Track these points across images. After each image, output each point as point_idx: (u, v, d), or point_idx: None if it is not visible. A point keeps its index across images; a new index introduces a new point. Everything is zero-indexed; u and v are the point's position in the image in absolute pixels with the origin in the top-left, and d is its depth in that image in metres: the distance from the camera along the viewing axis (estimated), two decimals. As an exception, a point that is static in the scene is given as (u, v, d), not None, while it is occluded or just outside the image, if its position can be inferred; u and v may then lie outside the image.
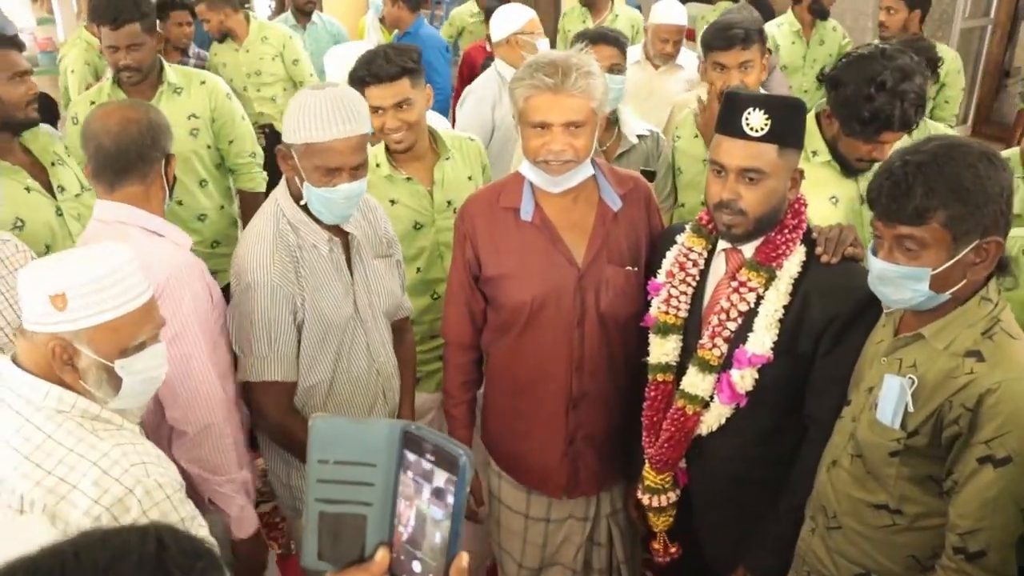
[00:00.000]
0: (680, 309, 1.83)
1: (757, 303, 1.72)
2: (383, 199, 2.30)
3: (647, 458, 1.89)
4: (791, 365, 1.71)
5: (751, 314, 1.72)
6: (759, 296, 1.72)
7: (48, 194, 2.39)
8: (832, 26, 4.61)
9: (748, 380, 1.71)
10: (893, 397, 1.48)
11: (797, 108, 1.70)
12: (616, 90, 2.57)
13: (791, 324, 1.70)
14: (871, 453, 1.55)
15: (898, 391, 1.48)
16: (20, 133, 2.40)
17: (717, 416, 1.77)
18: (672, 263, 1.85)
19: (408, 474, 0.87)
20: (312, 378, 1.99)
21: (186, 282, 1.81)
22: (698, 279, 1.83)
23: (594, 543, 2.19)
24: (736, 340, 1.73)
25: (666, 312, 1.84)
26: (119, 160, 1.86)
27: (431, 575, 0.87)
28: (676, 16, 3.83)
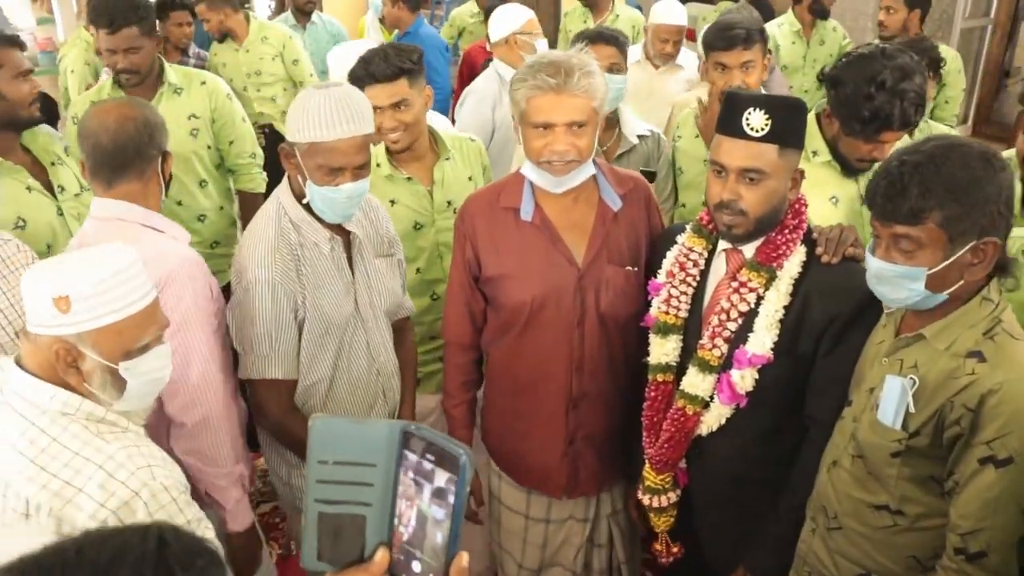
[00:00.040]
0: (680, 309, 1.83)
1: (757, 303, 1.72)
2: (383, 199, 2.29)
3: (647, 458, 1.89)
4: (791, 365, 1.71)
5: (751, 314, 1.72)
6: (759, 296, 1.72)
7: (49, 194, 2.39)
8: (832, 26, 4.61)
9: (748, 380, 1.71)
10: (894, 398, 1.48)
11: (797, 108, 1.70)
12: (616, 90, 2.57)
13: (791, 324, 1.70)
14: (872, 454, 1.55)
15: (899, 392, 1.48)
16: (22, 132, 2.40)
17: (717, 416, 1.77)
18: (672, 263, 1.85)
19: (409, 474, 0.87)
20: (312, 376, 1.99)
21: (187, 276, 1.82)
22: (698, 279, 1.83)
23: (594, 544, 2.18)
24: (736, 340, 1.73)
25: (666, 312, 1.84)
26: (116, 157, 1.87)
27: (431, 575, 0.87)
28: (676, 16, 3.83)
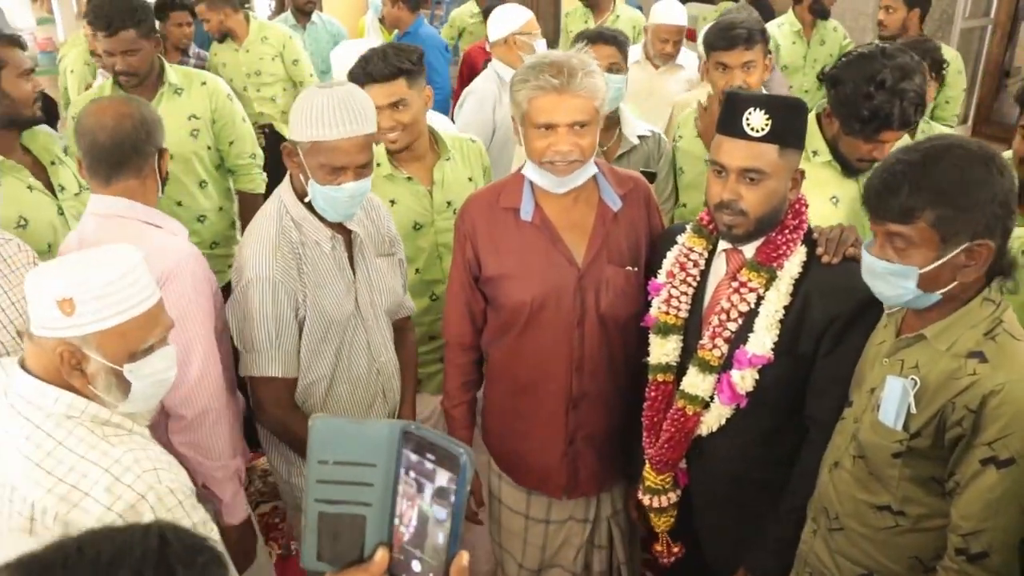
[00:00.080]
0: (680, 309, 1.82)
1: (758, 303, 1.72)
2: (383, 199, 2.29)
3: (647, 458, 1.89)
4: (792, 366, 1.71)
5: (752, 314, 1.72)
6: (760, 296, 1.71)
7: (49, 193, 2.39)
8: (833, 26, 4.61)
9: (748, 381, 1.71)
10: (895, 398, 1.48)
11: (798, 108, 1.70)
12: (616, 90, 2.57)
13: (792, 324, 1.70)
14: (873, 454, 1.54)
15: (900, 392, 1.47)
16: (23, 131, 2.41)
17: (717, 417, 1.77)
18: (673, 263, 1.85)
19: (410, 474, 0.87)
20: (312, 375, 1.99)
21: (189, 270, 1.84)
22: (699, 279, 1.83)
23: (594, 546, 2.18)
24: (736, 340, 1.73)
25: (666, 312, 1.83)
26: (114, 155, 1.89)
27: (431, 574, 0.87)
28: (676, 16, 3.83)
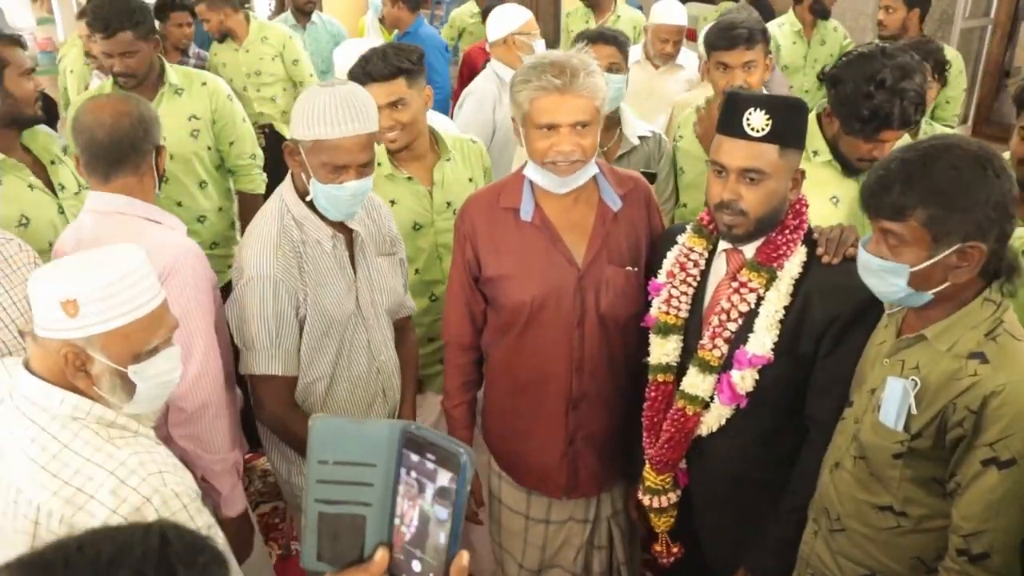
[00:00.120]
0: (681, 309, 1.82)
1: (758, 304, 1.71)
2: (384, 199, 2.28)
3: (647, 459, 1.89)
4: (792, 366, 1.71)
5: (752, 315, 1.71)
6: (760, 297, 1.71)
7: (50, 192, 2.40)
8: (833, 26, 4.61)
9: (748, 381, 1.71)
10: (896, 399, 1.48)
11: (798, 108, 1.69)
12: (615, 89, 2.56)
13: (792, 325, 1.69)
14: (874, 455, 1.54)
15: (901, 393, 1.47)
16: (25, 130, 2.42)
17: (717, 417, 1.77)
18: (673, 263, 1.85)
19: (412, 474, 0.87)
20: (313, 374, 1.99)
21: (190, 265, 1.86)
22: (699, 279, 1.82)
23: (594, 546, 2.18)
24: (737, 341, 1.72)
25: (667, 312, 1.83)
26: (112, 152, 1.90)
27: (431, 574, 0.87)
28: (676, 16, 3.83)
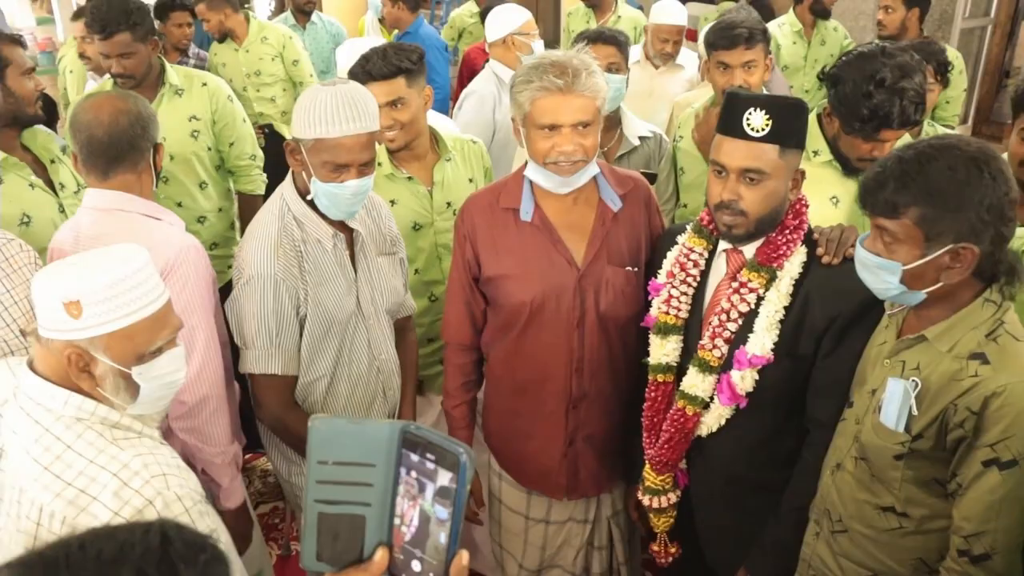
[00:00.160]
0: (681, 310, 1.82)
1: (758, 304, 1.71)
2: (384, 199, 2.28)
3: (647, 459, 1.89)
4: (792, 366, 1.70)
5: (752, 315, 1.71)
6: (760, 297, 1.71)
7: (50, 191, 2.40)
8: (833, 26, 4.61)
9: (748, 381, 1.71)
10: (897, 400, 1.47)
11: (798, 108, 1.69)
12: (615, 89, 2.57)
13: (792, 325, 1.69)
14: (875, 456, 1.54)
15: (901, 394, 1.47)
16: (25, 129, 2.42)
17: (717, 417, 1.77)
18: (673, 263, 1.85)
19: (412, 474, 0.87)
20: (313, 373, 1.99)
21: (191, 260, 1.89)
22: (699, 280, 1.82)
23: (594, 547, 2.18)
24: (736, 341, 1.72)
25: (666, 312, 1.83)
26: (111, 149, 1.92)
27: (431, 574, 0.87)
28: (675, 16, 3.82)
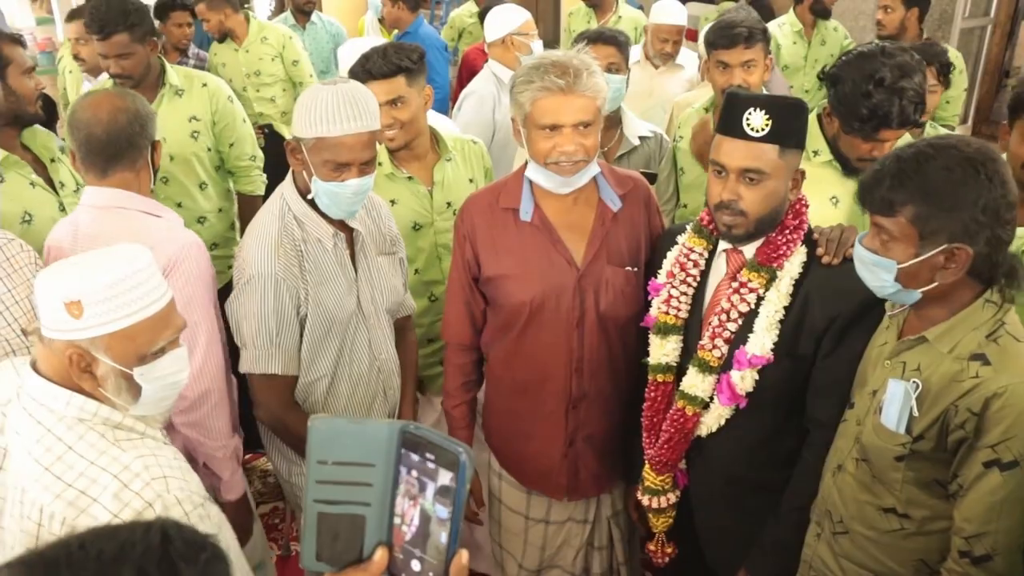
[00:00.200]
0: (680, 310, 1.82)
1: (758, 304, 1.71)
2: (384, 199, 2.28)
3: (647, 459, 1.89)
4: (792, 366, 1.70)
5: (751, 315, 1.71)
6: (760, 297, 1.71)
7: (51, 190, 2.40)
8: (834, 26, 4.61)
9: (748, 381, 1.71)
10: (898, 401, 1.47)
11: (798, 108, 1.69)
12: (615, 90, 2.57)
13: (792, 325, 1.69)
14: (877, 457, 1.54)
15: (902, 396, 1.47)
16: (25, 128, 2.42)
17: (717, 417, 1.77)
18: (673, 263, 1.85)
19: (413, 473, 0.87)
20: (314, 373, 1.99)
21: (193, 256, 1.91)
22: (699, 280, 1.82)
23: (594, 547, 2.18)
24: (736, 341, 1.72)
25: (666, 312, 1.83)
26: (109, 147, 1.93)
27: (431, 573, 0.87)
28: (675, 16, 3.82)
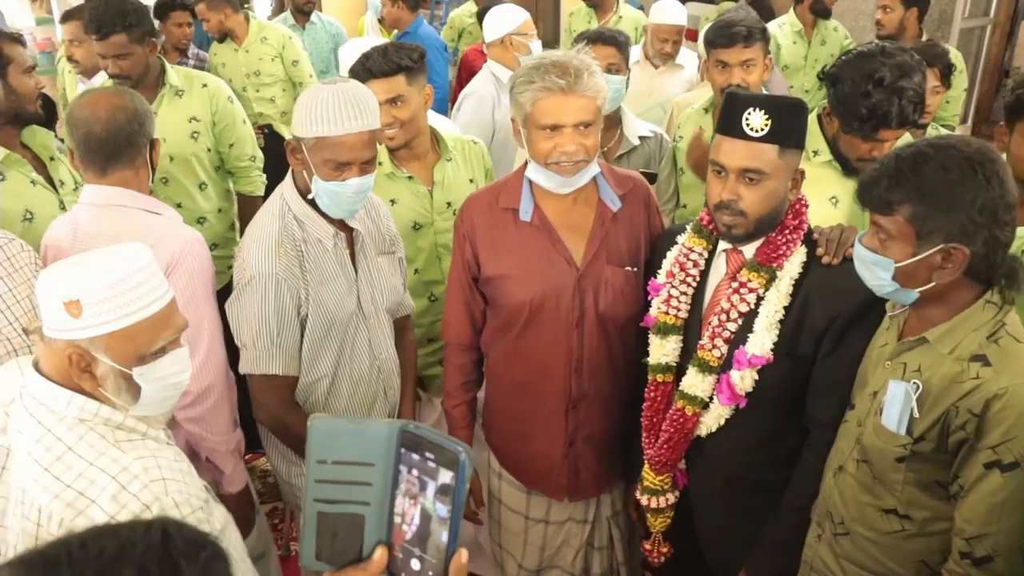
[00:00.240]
0: (680, 310, 1.82)
1: (757, 304, 1.71)
2: (384, 198, 2.29)
3: (646, 459, 1.89)
4: (791, 366, 1.70)
5: (751, 315, 1.71)
6: (759, 297, 1.71)
7: (51, 188, 2.40)
8: (834, 26, 4.61)
9: (748, 381, 1.71)
10: (898, 403, 1.47)
11: (798, 108, 1.69)
12: (614, 91, 2.56)
13: (792, 325, 1.69)
14: (877, 458, 1.53)
15: (903, 397, 1.47)
16: (25, 127, 2.42)
17: (716, 417, 1.76)
18: (672, 263, 1.85)
19: (413, 472, 0.87)
20: (315, 373, 1.99)
21: (197, 252, 1.93)
22: (698, 280, 1.82)
23: (594, 547, 2.18)
24: (736, 341, 1.72)
25: (666, 312, 1.83)
26: (108, 146, 1.94)
27: (430, 572, 0.87)
28: (675, 16, 3.82)
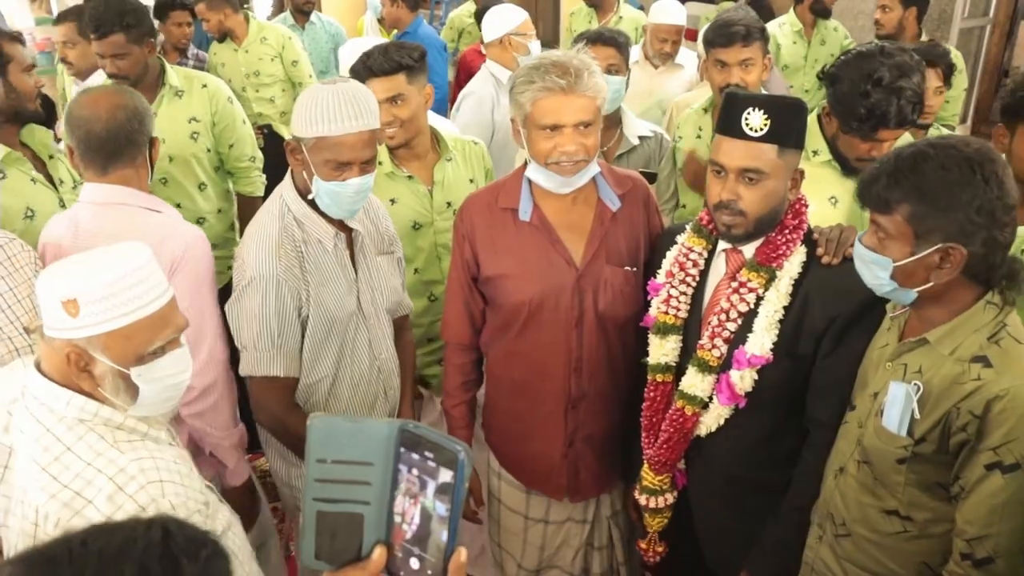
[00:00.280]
0: (680, 309, 1.82)
1: (757, 304, 1.71)
2: (384, 198, 2.29)
3: (646, 459, 1.89)
4: (791, 366, 1.70)
5: (751, 315, 1.71)
6: (759, 297, 1.71)
7: (50, 186, 2.40)
8: (834, 26, 4.61)
9: (747, 381, 1.70)
10: (899, 404, 1.47)
11: (797, 108, 1.69)
12: (614, 91, 2.57)
13: (791, 325, 1.69)
14: (878, 460, 1.53)
15: (904, 398, 1.46)
16: (24, 126, 2.42)
17: (716, 417, 1.76)
18: (672, 263, 1.85)
19: (413, 472, 0.87)
20: (315, 374, 1.99)
21: (199, 251, 1.95)
22: (698, 279, 1.82)
23: (594, 547, 2.18)
24: (736, 341, 1.72)
25: (666, 312, 1.83)
26: (109, 144, 1.94)
27: (430, 571, 0.87)
28: (674, 16, 3.82)
